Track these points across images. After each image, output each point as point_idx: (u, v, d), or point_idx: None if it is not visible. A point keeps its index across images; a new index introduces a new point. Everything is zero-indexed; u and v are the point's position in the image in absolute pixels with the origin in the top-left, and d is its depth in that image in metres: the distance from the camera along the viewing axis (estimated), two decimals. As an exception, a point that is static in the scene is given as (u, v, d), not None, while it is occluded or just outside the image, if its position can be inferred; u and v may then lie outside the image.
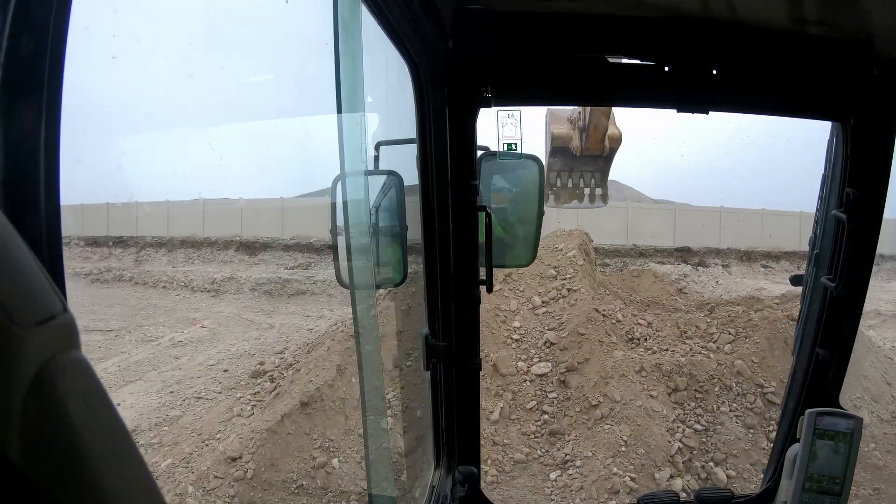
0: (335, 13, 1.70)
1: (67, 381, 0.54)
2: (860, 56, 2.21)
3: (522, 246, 2.93)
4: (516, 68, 2.29)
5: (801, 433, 2.64)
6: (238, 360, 14.42)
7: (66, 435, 0.53)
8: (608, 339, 11.51)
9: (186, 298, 23.91)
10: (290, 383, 10.68)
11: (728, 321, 11.95)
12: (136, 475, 0.61)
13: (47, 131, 0.71)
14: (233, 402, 10.98)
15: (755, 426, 9.75)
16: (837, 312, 2.63)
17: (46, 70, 0.71)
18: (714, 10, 2.09)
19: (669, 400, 10.16)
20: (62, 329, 0.55)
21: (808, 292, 2.82)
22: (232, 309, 21.86)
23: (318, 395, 10.10)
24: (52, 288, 0.56)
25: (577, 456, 9.45)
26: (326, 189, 2.33)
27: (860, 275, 2.53)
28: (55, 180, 0.73)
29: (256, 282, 24.87)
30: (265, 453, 9.24)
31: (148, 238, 29.56)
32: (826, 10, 2.08)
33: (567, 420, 10.12)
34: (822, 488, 2.57)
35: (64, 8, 0.72)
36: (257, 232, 28.75)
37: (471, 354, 2.55)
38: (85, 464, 0.54)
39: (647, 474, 8.94)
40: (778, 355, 10.57)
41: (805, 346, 2.82)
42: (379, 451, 2.22)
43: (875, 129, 2.33)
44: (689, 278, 20.21)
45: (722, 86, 2.31)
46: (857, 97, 2.31)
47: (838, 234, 2.52)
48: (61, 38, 0.73)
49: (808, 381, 2.79)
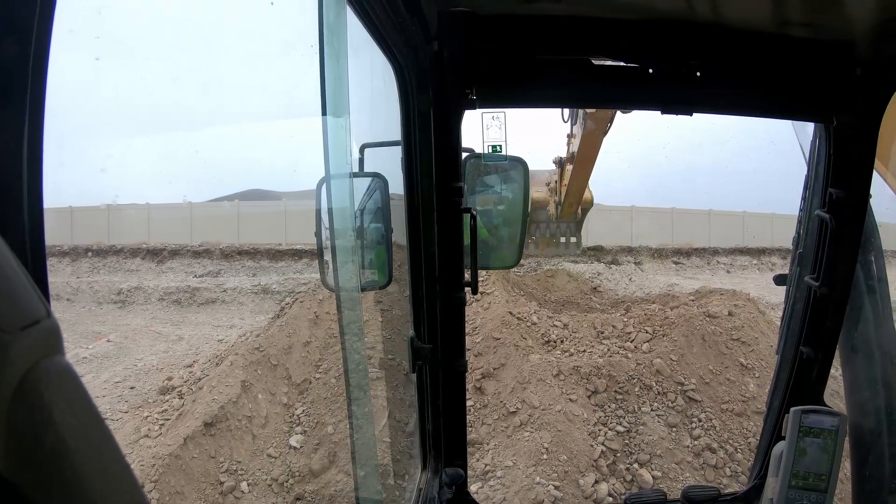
0: (320, 15, 1.69)
1: (52, 387, 0.54)
2: (843, 57, 2.29)
3: (507, 247, 2.96)
4: (501, 71, 2.30)
5: (786, 431, 2.71)
6: (145, 375, 13.78)
7: (52, 442, 0.53)
8: (524, 343, 11.53)
9: (91, 311, 22.86)
10: (192, 402, 10.30)
11: (645, 319, 12.17)
12: (122, 482, 0.60)
13: (30, 134, 0.70)
14: (140, 421, 10.46)
15: (678, 424, 9.91)
16: (821, 311, 2.70)
17: (30, 72, 0.70)
18: (698, 12, 2.14)
19: (589, 403, 10.17)
20: (46, 334, 0.55)
21: (792, 291, 2.89)
22: (139, 321, 21.03)
23: (222, 415, 9.77)
24: (35, 292, 0.56)
25: (497, 466, 9.32)
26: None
27: (843, 273, 2.62)
28: (39, 184, 0.71)
29: (165, 291, 24.00)
30: (169, 480, 8.86)
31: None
32: (809, 11, 2.14)
33: (485, 429, 10.01)
34: (809, 485, 2.65)
35: (48, 9, 0.71)
36: (165, 239, 27.88)
37: (456, 356, 2.54)
38: (70, 471, 0.54)
39: (571, 481, 8.92)
40: (696, 352, 10.84)
41: (789, 345, 2.88)
42: (365, 455, 2.19)
43: (857, 130, 2.42)
44: (602, 276, 20.74)
45: (705, 87, 2.36)
46: (840, 98, 2.39)
47: (821, 234, 2.60)
48: (45, 39, 0.72)
49: (792, 379, 2.86)
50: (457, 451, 2.67)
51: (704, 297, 13.47)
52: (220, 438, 9.57)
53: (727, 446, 9.60)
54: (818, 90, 2.41)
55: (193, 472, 9.08)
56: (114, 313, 22.50)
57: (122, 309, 23.06)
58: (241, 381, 10.31)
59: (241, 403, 10.04)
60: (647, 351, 11.20)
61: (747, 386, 10.33)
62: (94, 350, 16.84)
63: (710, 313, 11.65)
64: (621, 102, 2.65)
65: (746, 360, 10.75)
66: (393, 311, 3.68)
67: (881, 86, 2.35)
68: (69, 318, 21.05)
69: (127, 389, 12.89)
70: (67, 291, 24.21)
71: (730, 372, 10.56)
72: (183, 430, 9.52)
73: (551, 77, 2.34)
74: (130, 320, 21.11)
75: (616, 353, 11.31)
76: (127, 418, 11.00)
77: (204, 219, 29.03)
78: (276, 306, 14.92)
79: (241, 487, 9.21)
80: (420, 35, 2.19)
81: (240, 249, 27.14)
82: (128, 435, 9.99)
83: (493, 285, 13.49)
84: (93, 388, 12.28)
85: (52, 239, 27.26)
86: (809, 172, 2.70)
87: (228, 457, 9.47)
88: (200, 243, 27.48)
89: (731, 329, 11.27)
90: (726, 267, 28.63)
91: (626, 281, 22.20)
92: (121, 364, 15.26)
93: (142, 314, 22.20)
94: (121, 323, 20.65)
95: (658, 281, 22.46)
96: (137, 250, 27.46)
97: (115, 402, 12.06)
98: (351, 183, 2.09)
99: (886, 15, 2.09)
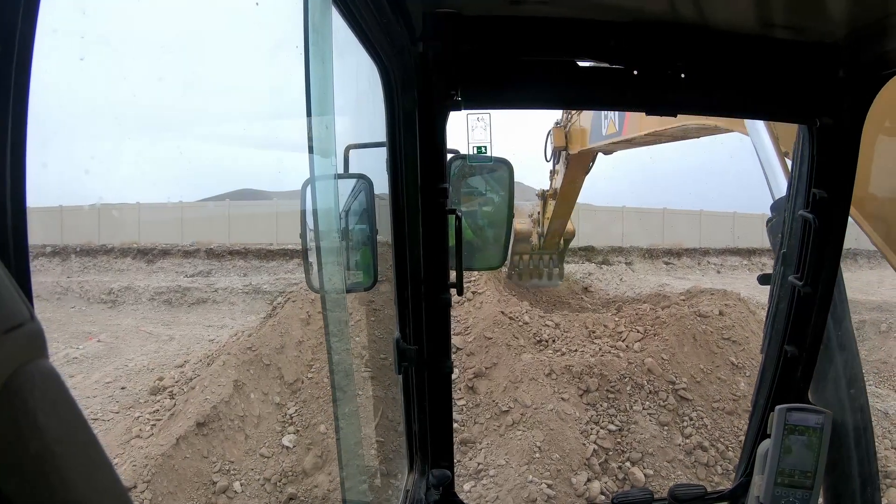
0: (305, 16, 1.69)
1: (37, 391, 0.53)
2: (826, 59, 2.30)
3: (492, 248, 2.96)
4: (487, 72, 2.30)
5: (771, 429, 2.73)
6: (136, 375, 13.71)
7: (37, 446, 0.52)
8: (516, 343, 11.54)
9: (82, 311, 22.77)
10: (185, 402, 10.26)
11: (636, 319, 12.21)
12: (108, 486, 0.59)
13: (14, 135, 0.69)
14: (131, 422, 10.41)
15: (669, 423, 9.93)
16: (805, 310, 2.71)
17: (13, 71, 0.69)
18: (682, 13, 2.14)
19: (581, 402, 10.17)
20: (30, 337, 0.55)
21: (776, 291, 2.90)
22: (130, 321, 20.97)
23: (214, 415, 9.74)
24: (18, 295, 0.55)
25: (490, 465, 9.31)
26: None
27: (827, 273, 2.63)
28: (22, 185, 0.71)
29: (155, 291, 23.92)
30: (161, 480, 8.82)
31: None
32: (793, 14, 2.16)
33: (478, 428, 10.01)
34: (794, 482, 2.66)
35: (32, 9, 0.71)
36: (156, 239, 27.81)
37: (442, 357, 2.53)
38: (56, 475, 0.53)
39: (563, 479, 8.93)
40: (687, 351, 10.87)
41: (774, 344, 2.89)
42: (351, 457, 2.20)
43: (841, 131, 2.43)
44: (593, 276, 20.81)
45: (690, 89, 2.35)
46: (824, 100, 2.39)
47: (805, 234, 2.62)
48: (29, 39, 0.71)
49: (777, 377, 2.87)
50: (443, 453, 2.67)
51: (695, 297, 13.50)
52: (213, 438, 9.52)
53: (718, 444, 9.64)
54: (802, 92, 2.41)
55: (186, 473, 9.04)
56: (104, 313, 22.44)
57: (113, 309, 23.01)
58: (233, 380, 10.27)
59: (234, 403, 10.01)
60: (638, 350, 11.23)
61: (738, 385, 10.38)
62: (84, 350, 16.79)
63: (700, 313, 11.68)
64: (606, 104, 2.66)
65: (737, 359, 10.80)
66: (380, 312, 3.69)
67: (864, 88, 2.36)
68: (59, 318, 20.99)
69: (118, 390, 12.83)
70: (57, 291, 24.14)
71: (720, 371, 10.60)
72: (175, 431, 9.47)
73: (537, 78, 2.34)
74: (121, 320, 21.06)
75: (608, 353, 11.32)
76: (118, 419, 10.97)
77: (194, 219, 28.97)
78: (268, 306, 14.88)
79: (234, 487, 9.17)
80: (405, 36, 2.19)
81: (230, 249, 27.10)
82: (119, 436, 9.96)
83: (484, 285, 13.50)
84: (83, 389, 12.36)
85: (42, 238, 27.21)
86: (793, 173, 2.71)
87: (221, 457, 9.42)
88: (191, 243, 27.42)
89: (721, 328, 11.31)
90: (717, 267, 28.80)
91: (618, 281, 22.30)
92: (111, 364, 15.21)
93: (132, 314, 22.18)
94: (111, 323, 20.61)
95: (649, 281, 22.56)
96: (128, 250, 27.39)
97: (105, 403, 12.00)
98: (336, 184, 2.09)
99: (870, 18, 2.11)
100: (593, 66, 2.37)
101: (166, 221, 28.54)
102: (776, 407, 2.72)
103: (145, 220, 29.03)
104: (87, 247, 27.78)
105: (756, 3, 2.10)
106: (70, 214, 29.06)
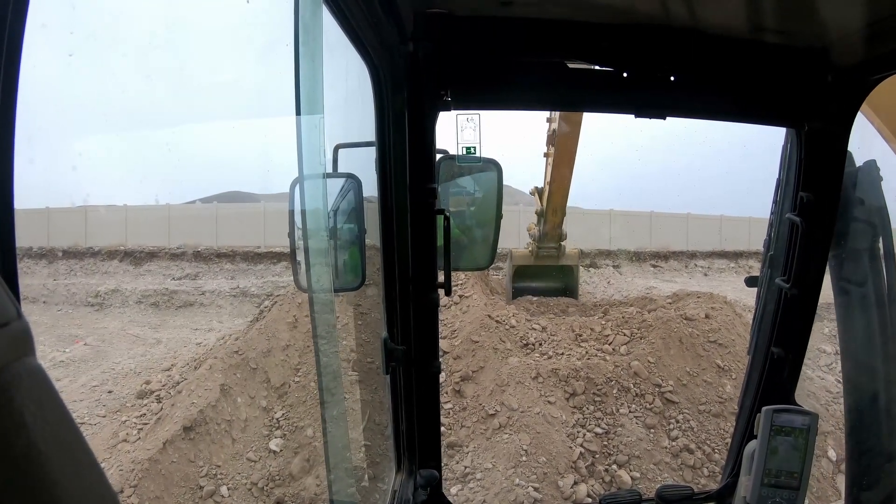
0: (296, 14, 1.69)
1: (24, 389, 0.53)
2: (815, 64, 2.32)
3: (480, 249, 2.96)
4: (476, 72, 2.31)
5: (758, 430, 2.72)
6: (123, 379, 13.66)
7: (23, 445, 0.52)
8: (503, 346, 11.54)
9: (68, 314, 22.58)
10: (171, 406, 10.20)
11: (622, 322, 12.19)
12: (94, 484, 0.59)
13: (1, 133, 0.69)
14: (118, 426, 10.34)
15: (655, 426, 9.96)
16: (791, 312, 2.73)
17: (2, 67, 0.69)
18: (673, 16, 2.16)
19: (568, 405, 10.19)
20: (17, 335, 0.54)
21: (763, 293, 2.92)
22: (116, 324, 20.81)
23: (201, 419, 9.70)
24: (5, 293, 0.55)
25: (477, 468, 9.31)
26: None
27: (813, 275, 2.65)
28: (9, 184, 0.71)
29: (142, 294, 23.76)
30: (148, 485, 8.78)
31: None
32: (782, 18, 2.17)
33: (465, 431, 10.00)
34: (781, 483, 2.65)
35: (21, 4, 0.70)
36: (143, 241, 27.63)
37: (430, 358, 2.53)
38: (42, 474, 0.53)
39: (550, 483, 8.94)
40: (674, 354, 10.92)
41: (760, 346, 2.91)
42: (338, 458, 2.19)
43: (828, 135, 2.45)
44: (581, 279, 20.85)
45: (679, 92, 2.38)
46: (812, 104, 2.42)
47: (792, 237, 2.63)
48: (18, 34, 0.71)
49: (763, 379, 2.89)
50: (431, 453, 2.67)
51: (682, 300, 13.57)
52: (200, 442, 9.48)
53: (704, 447, 9.68)
54: (790, 96, 2.44)
55: (173, 477, 8.99)
56: (91, 316, 22.26)
57: (100, 312, 22.81)
58: (220, 384, 10.22)
59: (221, 407, 9.96)
60: (625, 353, 11.24)
61: (724, 387, 10.43)
62: (70, 354, 16.67)
63: (687, 316, 11.75)
64: (595, 105, 2.66)
65: (723, 361, 10.85)
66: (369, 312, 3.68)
67: (852, 92, 2.39)
68: (45, 320, 20.80)
69: (105, 394, 12.77)
70: (44, 294, 23.92)
71: (707, 374, 10.66)
72: (162, 435, 9.43)
73: (526, 79, 2.35)
74: (108, 323, 20.92)
75: (594, 356, 11.34)
76: (105, 423, 10.92)
77: (182, 220, 28.77)
78: (255, 309, 14.82)
79: (221, 492, 9.15)
80: (396, 36, 2.19)
81: (218, 252, 26.95)
82: (106, 439, 9.90)
83: (471, 288, 13.49)
84: (70, 393, 12.24)
85: (28, 241, 26.96)
86: (781, 176, 2.73)
87: (208, 461, 9.39)
88: (179, 245, 27.26)
89: (707, 331, 11.37)
90: (704, 270, 28.87)
91: (605, 284, 22.35)
92: (98, 368, 15.12)
93: (119, 317, 22.00)
94: (98, 326, 20.46)
95: (636, 284, 22.63)
96: (115, 252, 27.17)
97: (92, 407, 11.94)
98: (324, 184, 2.09)
99: (858, 23, 2.13)
100: (584, 67, 2.38)
101: (153, 223, 28.33)
102: (763, 408, 2.72)
103: (132, 222, 28.80)
104: (74, 249, 27.54)
105: (746, 7, 2.12)
106: (57, 216, 28.80)
